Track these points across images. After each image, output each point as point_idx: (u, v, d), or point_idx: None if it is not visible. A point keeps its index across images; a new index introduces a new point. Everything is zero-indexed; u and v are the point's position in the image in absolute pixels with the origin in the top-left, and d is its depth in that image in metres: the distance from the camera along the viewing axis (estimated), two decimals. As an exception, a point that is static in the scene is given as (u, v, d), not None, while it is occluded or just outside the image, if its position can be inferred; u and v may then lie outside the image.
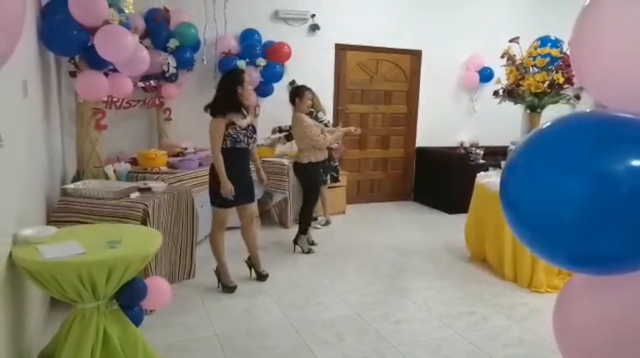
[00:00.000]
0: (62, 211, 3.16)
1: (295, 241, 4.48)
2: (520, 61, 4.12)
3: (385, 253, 4.55)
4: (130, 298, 2.33)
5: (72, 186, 3.34)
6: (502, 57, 4.22)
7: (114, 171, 3.67)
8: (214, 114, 3.34)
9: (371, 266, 4.18)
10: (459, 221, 5.23)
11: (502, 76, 4.38)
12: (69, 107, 4.10)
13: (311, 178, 4.38)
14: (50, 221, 3.12)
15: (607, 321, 1.33)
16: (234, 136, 3.38)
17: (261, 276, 3.78)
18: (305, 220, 4.50)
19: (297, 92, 4.36)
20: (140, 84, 4.73)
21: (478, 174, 4.33)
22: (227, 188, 3.34)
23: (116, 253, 2.13)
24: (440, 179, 6.30)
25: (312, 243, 4.57)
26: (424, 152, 6.69)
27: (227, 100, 3.37)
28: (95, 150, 3.67)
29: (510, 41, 4.18)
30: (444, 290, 3.71)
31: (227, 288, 3.56)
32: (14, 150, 2.29)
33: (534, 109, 4.14)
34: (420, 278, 3.96)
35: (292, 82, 5.30)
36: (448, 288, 3.75)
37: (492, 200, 3.96)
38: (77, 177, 3.84)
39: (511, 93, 4.15)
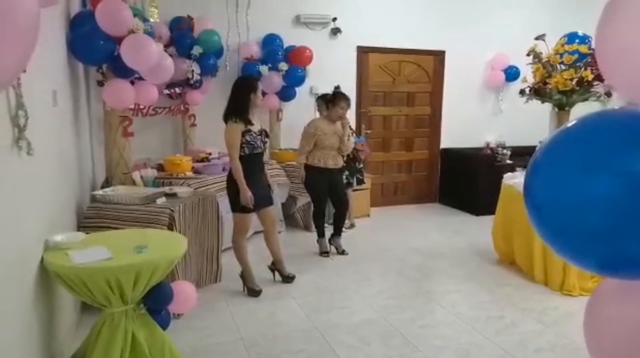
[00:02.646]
0: (92, 217, 3.24)
1: (329, 242, 4.54)
2: (546, 59, 4.02)
3: (411, 256, 4.50)
4: (157, 302, 2.37)
5: (101, 192, 3.42)
6: (528, 55, 4.12)
7: (141, 177, 3.74)
8: (230, 121, 3.36)
9: (396, 269, 4.14)
10: (485, 223, 5.13)
11: (528, 75, 4.28)
12: (97, 115, 4.22)
13: (306, 182, 4.40)
14: (80, 227, 3.20)
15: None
16: (252, 142, 3.41)
17: (287, 279, 3.79)
18: (315, 224, 4.57)
19: (327, 100, 4.44)
20: (166, 91, 4.83)
21: (505, 175, 4.24)
22: (247, 195, 3.37)
23: (143, 258, 2.17)
24: (466, 181, 6.20)
25: (343, 253, 4.54)
26: (449, 153, 6.60)
27: (240, 106, 3.40)
28: (123, 157, 3.76)
29: (536, 39, 4.08)
30: (472, 293, 3.64)
31: (253, 291, 3.58)
32: (44, 158, 2.36)
33: (562, 107, 4.03)
34: (447, 281, 3.90)
35: (337, 87, 5.07)
36: (476, 291, 3.68)
37: (519, 201, 3.82)
38: (106, 183, 3.94)
39: (538, 92, 4.05)
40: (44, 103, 2.40)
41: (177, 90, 4.94)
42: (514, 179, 4.04)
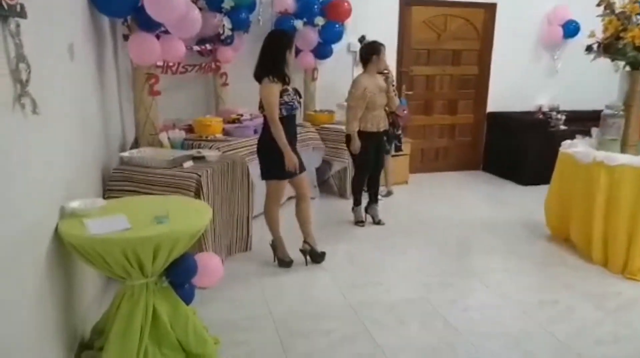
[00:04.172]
0: (118, 180, 3.10)
1: (366, 210, 4.31)
2: (621, 9, 3.49)
3: (452, 228, 4.20)
4: (180, 276, 2.20)
5: (127, 154, 3.26)
6: (598, 5, 3.60)
7: (169, 138, 3.55)
8: (266, 79, 3.08)
9: (436, 242, 3.86)
10: (535, 193, 4.78)
11: (597, 29, 3.76)
12: (127, 72, 4.02)
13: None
14: (107, 190, 3.08)
15: None
16: (290, 102, 3.13)
17: (318, 257, 3.48)
18: (353, 191, 4.32)
19: (374, 49, 3.98)
20: (196, 47, 4.57)
21: (563, 143, 3.82)
22: (294, 160, 3.12)
23: (162, 230, 1.98)
24: (514, 148, 5.75)
25: (379, 223, 4.28)
26: (496, 117, 6.12)
27: (277, 63, 3.10)
28: (150, 117, 3.56)
29: (609, -14, 3.54)
30: (521, 272, 3.34)
31: (283, 262, 3.39)
32: (58, 117, 2.17)
33: (636, 66, 3.53)
34: (492, 258, 3.60)
35: (363, 38, 4.78)
36: (525, 270, 3.37)
37: (580, 173, 3.48)
38: (135, 144, 3.79)
39: (608, 48, 3.54)
40: (57, 56, 2.19)
41: (208, 46, 4.66)
42: (575, 148, 3.62)
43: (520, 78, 6.08)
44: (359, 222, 4.27)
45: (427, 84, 5.96)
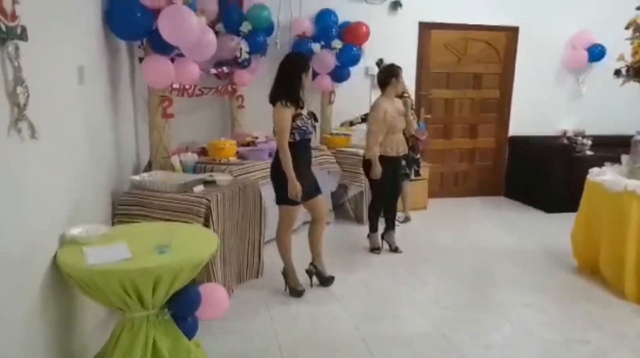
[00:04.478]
0: (128, 204, 3.04)
1: (382, 237, 4.17)
2: (651, 32, 3.36)
3: (472, 256, 4.02)
4: (182, 308, 2.10)
5: (137, 177, 3.21)
6: (627, 28, 3.47)
7: (180, 161, 3.50)
8: (279, 102, 3.01)
9: (455, 272, 3.69)
10: (559, 222, 4.56)
11: (625, 52, 3.61)
12: (143, 95, 4.02)
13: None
14: (115, 214, 3.02)
15: None
16: (303, 127, 3.05)
17: (326, 281, 3.40)
18: (369, 217, 4.19)
19: (393, 72, 3.91)
20: (213, 70, 4.56)
21: (591, 170, 3.63)
22: (297, 188, 3.02)
23: (163, 261, 1.89)
24: (537, 173, 5.54)
25: (396, 250, 4.12)
26: (518, 142, 5.94)
27: (291, 87, 3.04)
28: (163, 140, 3.53)
29: (638, 8, 3.41)
30: (546, 308, 3.13)
31: (295, 291, 3.26)
32: (63, 141, 2.12)
33: (667, 91, 3.37)
34: (514, 290, 3.40)
35: (381, 62, 4.72)
36: (550, 305, 3.17)
37: (610, 202, 3.29)
38: (149, 168, 3.75)
39: (639, 72, 3.40)
40: (64, 79, 2.15)
41: (225, 69, 4.65)
42: (603, 176, 3.44)
43: (544, 102, 5.92)
44: (374, 249, 4.13)
45: (447, 107, 5.84)
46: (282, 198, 3.14)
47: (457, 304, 3.17)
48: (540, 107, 5.91)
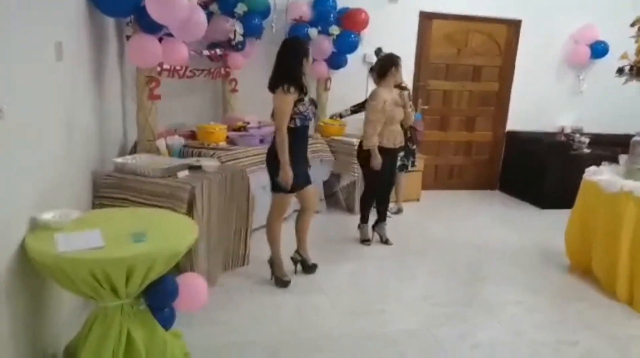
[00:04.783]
0: (109, 187, 2.92)
1: (373, 228, 4.10)
2: (657, 29, 3.25)
3: (464, 251, 3.95)
4: (158, 299, 2.01)
5: (121, 160, 3.09)
6: (632, 25, 3.36)
7: (167, 145, 3.39)
8: (281, 88, 2.89)
9: (446, 267, 3.62)
10: (554, 218, 4.50)
11: (629, 50, 3.50)
12: (133, 75, 3.88)
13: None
14: (96, 197, 2.91)
15: None
16: (305, 112, 2.96)
17: (310, 269, 3.36)
18: (361, 208, 4.10)
19: (393, 61, 3.78)
20: (206, 52, 4.42)
21: (587, 170, 3.54)
22: (289, 175, 2.93)
23: (137, 250, 1.79)
24: (533, 169, 5.47)
25: (386, 242, 4.05)
26: (515, 136, 5.85)
27: (292, 72, 2.93)
28: (149, 122, 3.41)
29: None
30: (537, 307, 3.07)
31: (281, 282, 3.19)
32: (35, 120, 2.00)
33: (671, 90, 3.27)
34: (506, 288, 3.33)
35: (379, 50, 4.59)
36: (542, 305, 3.11)
37: (605, 202, 3.22)
38: (134, 150, 3.63)
39: (642, 70, 3.30)
40: (37, 57, 2.03)
41: (218, 51, 4.52)
42: (599, 176, 3.35)
43: (543, 97, 5.82)
44: (365, 240, 4.05)
45: (445, 99, 5.73)
46: (278, 185, 3.05)
47: (446, 301, 3.10)
48: (539, 102, 5.81)
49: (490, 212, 5.18)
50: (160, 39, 3.19)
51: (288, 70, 2.94)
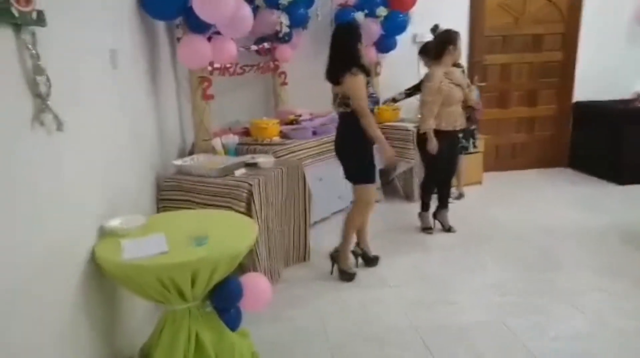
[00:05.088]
0: (171, 190, 2.99)
1: (434, 216, 3.96)
2: None
3: (534, 236, 3.72)
4: (223, 301, 2.01)
5: (180, 162, 3.15)
6: None
7: (222, 144, 3.41)
8: (347, 73, 2.82)
9: (515, 254, 3.42)
10: (635, 194, 4.14)
11: None
12: (186, 76, 3.94)
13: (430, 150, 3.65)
14: (160, 200, 2.99)
15: None
16: (373, 94, 2.95)
17: (372, 262, 3.29)
18: (421, 195, 3.98)
19: (451, 38, 3.61)
20: (254, 47, 4.43)
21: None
22: (391, 149, 2.99)
23: (200, 254, 1.79)
24: (607, 141, 5.06)
25: (449, 230, 3.89)
26: (584, 107, 5.43)
27: (352, 56, 2.89)
28: (203, 122, 3.44)
29: None
30: (622, 295, 2.82)
31: (346, 274, 3.13)
32: (98, 129, 2.05)
33: None
34: (584, 274, 3.10)
35: (436, 27, 4.35)
36: (627, 292, 2.85)
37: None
38: (192, 151, 3.70)
39: None
40: (94, 66, 2.07)
41: (266, 45, 4.50)
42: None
43: (614, 62, 5.35)
44: (426, 229, 3.92)
45: (502, 74, 5.42)
46: (359, 176, 3.00)
47: (518, 290, 2.92)
48: (609, 68, 5.35)
49: (560, 192, 4.86)
50: (209, 39, 3.19)
51: (347, 55, 2.89)
